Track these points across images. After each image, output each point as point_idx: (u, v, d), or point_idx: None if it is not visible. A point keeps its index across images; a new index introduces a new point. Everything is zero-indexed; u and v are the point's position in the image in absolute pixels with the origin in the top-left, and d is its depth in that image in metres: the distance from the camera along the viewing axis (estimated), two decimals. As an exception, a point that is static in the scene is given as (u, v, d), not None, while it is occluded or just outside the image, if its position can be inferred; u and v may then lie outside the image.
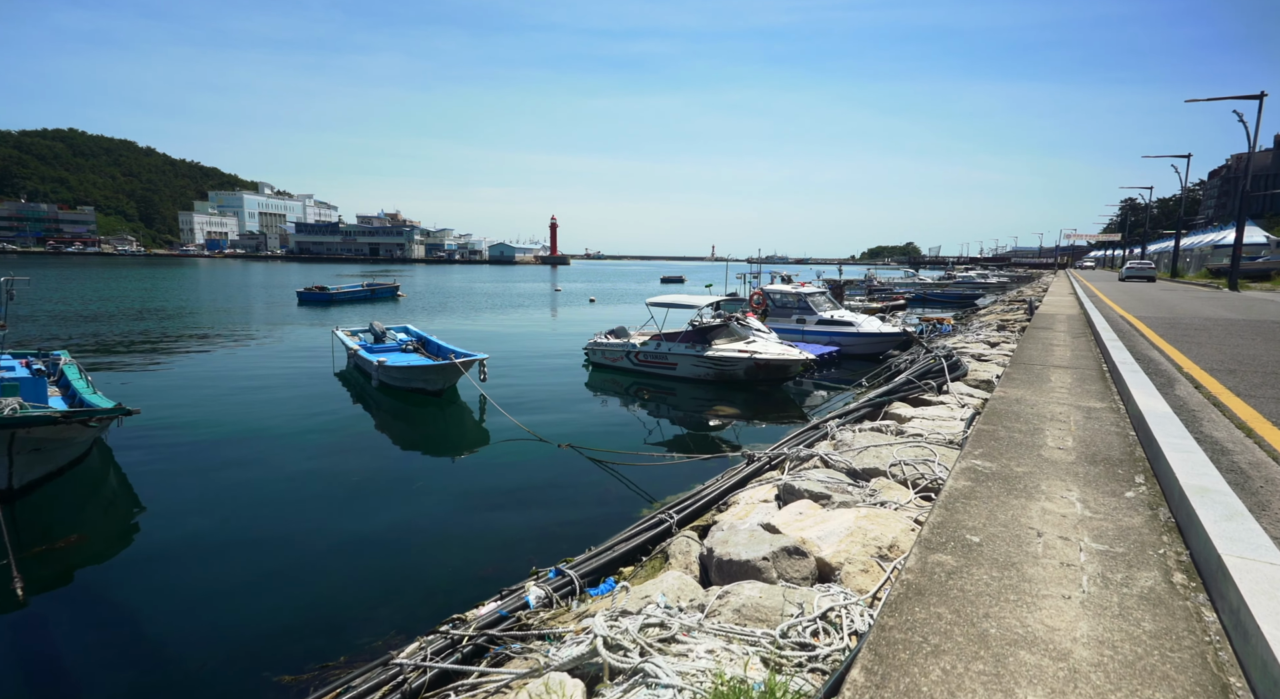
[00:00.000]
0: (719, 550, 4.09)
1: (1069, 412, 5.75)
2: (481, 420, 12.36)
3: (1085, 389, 6.79)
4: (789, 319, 20.11)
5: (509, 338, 23.62)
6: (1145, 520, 3.30)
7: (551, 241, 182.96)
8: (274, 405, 12.26)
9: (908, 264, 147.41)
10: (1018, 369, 8.05)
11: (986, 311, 25.87)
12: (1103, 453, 4.50)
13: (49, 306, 30.20)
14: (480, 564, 6.02)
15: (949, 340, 15.30)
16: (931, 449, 5.78)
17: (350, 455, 9.33)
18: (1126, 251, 79.41)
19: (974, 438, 4.91)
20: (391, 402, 12.69)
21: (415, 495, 7.68)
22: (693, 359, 14.62)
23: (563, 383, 15.24)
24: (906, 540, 4.06)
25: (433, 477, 8.55)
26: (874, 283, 46.29)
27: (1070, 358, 8.94)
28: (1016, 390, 6.76)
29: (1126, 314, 15.34)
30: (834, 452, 6.04)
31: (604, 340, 16.43)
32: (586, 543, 5.84)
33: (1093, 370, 7.94)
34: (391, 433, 10.89)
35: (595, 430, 11.20)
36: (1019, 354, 9.39)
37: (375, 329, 16.74)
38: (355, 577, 5.94)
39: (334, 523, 7.02)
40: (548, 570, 4.80)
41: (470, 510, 7.31)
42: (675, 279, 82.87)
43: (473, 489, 8.02)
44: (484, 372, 13.08)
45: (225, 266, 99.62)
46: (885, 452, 5.84)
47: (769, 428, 12.04)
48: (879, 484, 5.27)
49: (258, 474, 8.58)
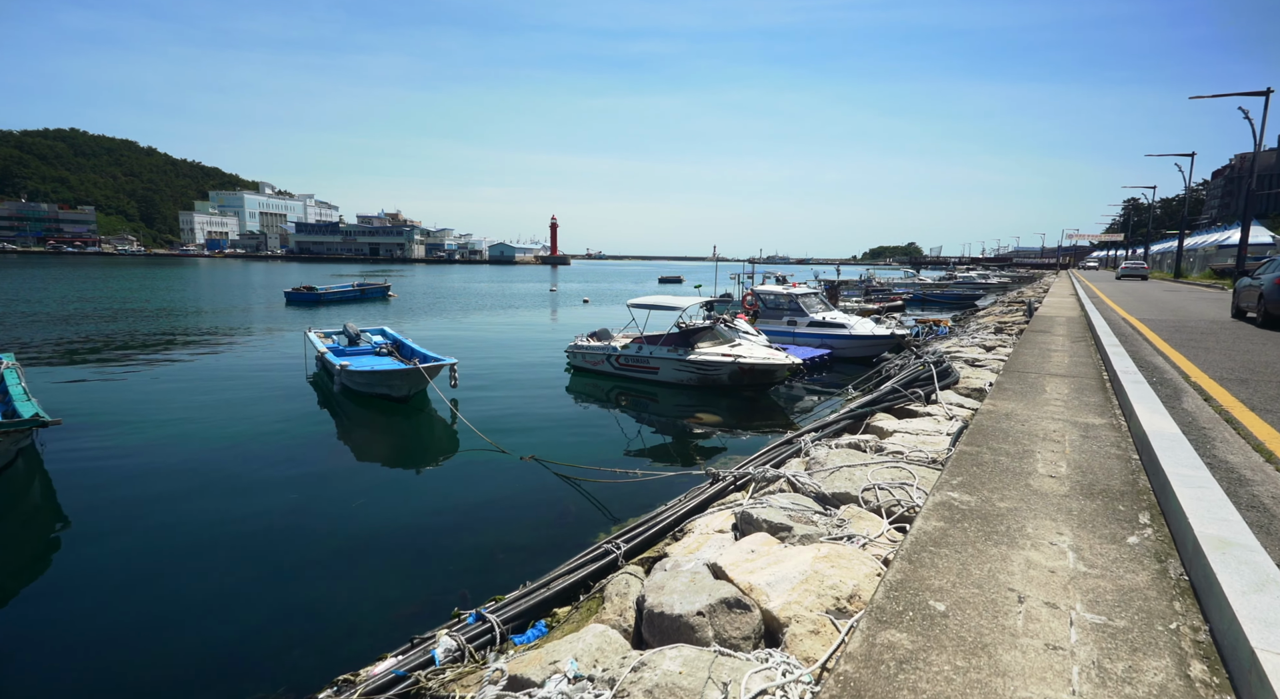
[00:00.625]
0: (652, 600, 3.50)
1: (1064, 429, 5.15)
2: (453, 427, 11.78)
3: (1083, 402, 6.19)
4: (780, 320, 19.48)
5: (493, 340, 23.03)
6: (1152, 579, 2.70)
7: (552, 242, 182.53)
8: (232, 412, 11.68)
9: (909, 264, 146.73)
10: (1011, 378, 7.45)
11: (985, 313, 25.24)
12: (1101, 482, 3.90)
13: (24, 307, 29.63)
14: (407, 599, 5.43)
15: (943, 344, 14.68)
16: (910, 470, 5.18)
17: (298, 468, 8.74)
18: (1129, 251, 78.88)
19: (954, 463, 4.32)
20: (356, 408, 12.10)
21: (354, 516, 7.08)
22: (675, 363, 14.01)
23: (542, 388, 14.65)
24: (869, 588, 3.46)
25: (380, 492, 7.95)
26: (873, 283, 45.65)
27: (1068, 365, 8.35)
28: (1007, 403, 6.16)
29: (1129, 316, 14.73)
30: (803, 472, 5.44)
31: (584, 343, 15.81)
32: (530, 572, 5.26)
33: (1092, 379, 7.34)
34: (347, 443, 10.27)
35: (568, 439, 10.61)
36: (1013, 360, 8.79)
37: (349, 331, 16.12)
38: (266, 614, 5.34)
39: (257, 548, 6.43)
40: (468, 614, 4.22)
41: (413, 533, 6.72)
42: (673, 279, 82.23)
43: (421, 507, 7.42)
44: (455, 377, 12.49)
45: (225, 266, 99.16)
46: (859, 473, 5.24)
47: (752, 438, 11.45)
48: (849, 512, 4.67)
49: (194, 487, 8.00)
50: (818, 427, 7.13)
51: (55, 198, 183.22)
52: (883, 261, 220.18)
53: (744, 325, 17.58)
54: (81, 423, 10.65)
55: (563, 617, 4.41)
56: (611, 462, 8.70)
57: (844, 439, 6.73)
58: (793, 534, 4.33)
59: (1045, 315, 15.78)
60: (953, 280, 63.08)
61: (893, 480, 5.07)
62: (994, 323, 17.99)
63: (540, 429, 11.10)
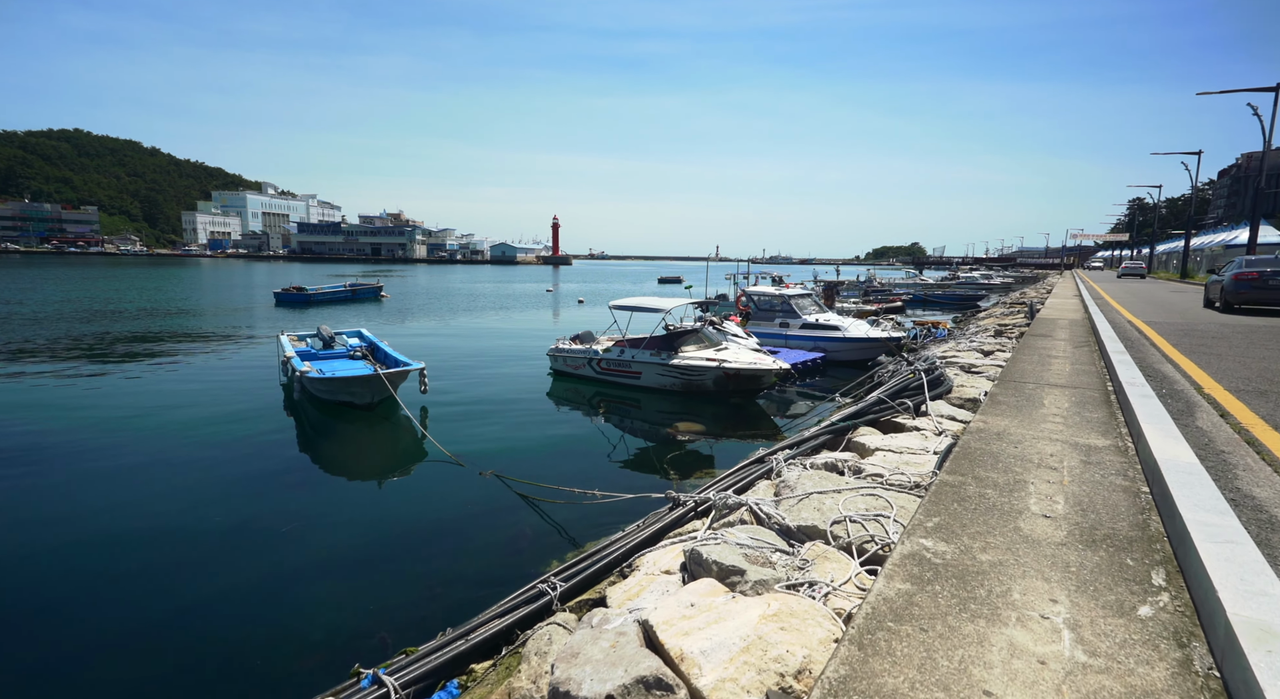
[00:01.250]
0: (560, 674, 2.90)
1: (1063, 453, 4.54)
2: (418, 437, 11.19)
3: (1085, 418, 5.57)
4: (772, 323, 18.83)
5: (479, 342, 22.44)
6: (1172, 675, 2.09)
7: (553, 242, 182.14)
8: (186, 420, 11.11)
9: (912, 265, 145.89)
10: (1006, 389, 6.84)
11: (985, 315, 24.55)
12: (1105, 524, 3.29)
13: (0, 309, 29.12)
14: (324, 643, 4.84)
15: (940, 347, 14.04)
16: (888, 499, 4.58)
17: (236, 486, 8.16)
18: (1134, 251, 78.12)
19: (933, 497, 3.71)
20: (320, 416, 11.50)
21: (283, 542, 6.47)
22: (658, 368, 13.38)
23: (521, 393, 14.06)
24: (822, 657, 2.86)
25: (320, 512, 7.34)
26: (873, 284, 44.93)
27: (1069, 374, 7.72)
28: (1001, 419, 5.55)
29: (1135, 319, 14.08)
30: (768, 501, 4.83)
31: (566, 346, 15.18)
32: (464, 609, 4.67)
33: (1095, 391, 6.71)
34: (300, 455, 9.61)
35: (539, 450, 10.01)
36: (1010, 368, 8.16)
37: (323, 334, 15.51)
38: (155, 664, 4.73)
39: (178, 578, 5.85)
40: (366, 674, 3.62)
41: (345, 562, 6.11)
42: (673, 279, 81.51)
43: (361, 531, 6.81)
44: (424, 382, 11.90)
45: (227, 267, 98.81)
46: (830, 502, 4.63)
47: (737, 444, 10.85)
48: (814, 551, 4.07)
49: (125, 502, 7.42)
50: (794, 442, 6.52)
51: (59, 198, 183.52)
52: (886, 262, 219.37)
53: (733, 328, 16.95)
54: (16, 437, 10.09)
55: (480, 675, 3.82)
56: (575, 478, 8.11)
57: (821, 457, 6.12)
58: (745, 579, 3.73)
59: (1047, 318, 15.14)
60: (955, 281, 62.31)
61: (867, 511, 4.47)
62: (994, 325, 17.35)
63: (511, 438, 10.51)
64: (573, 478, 8.21)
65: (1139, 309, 16.91)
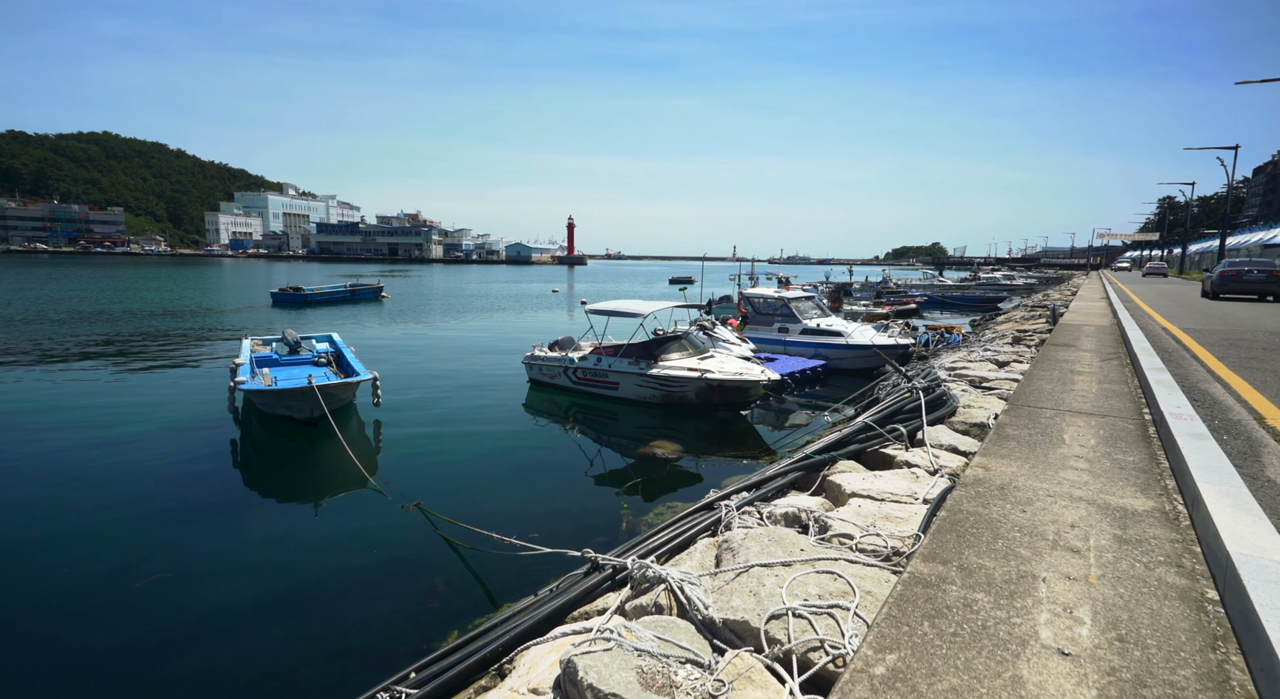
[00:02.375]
0: None
1: (1088, 522, 3.35)
2: (378, 450, 10.18)
3: (1117, 462, 4.35)
4: (770, 327, 17.55)
5: (462, 347, 21.42)
6: None
7: (569, 242, 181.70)
8: (118, 430, 10.22)
9: (932, 265, 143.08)
10: (1018, 416, 5.63)
11: (1004, 319, 23.03)
12: (1158, 673, 2.12)
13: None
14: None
15: (951, 355, 12.75)
16: (852, 579, 3.42)
17: (137, 514, 7.18)
18: (1164, 251, 75.48)
19: (896, 608, 2.57)
20: (263, 431, 10.51)
21: (137, 599, 5.41)
22: (636, 378, 12.21)
23: (490, 405, 12.99)
24: None
25: (210, 552, 6.27)
26: (888, 284, 43.31)
27: (1096, 396, 6.47)
28: (1007, 463, 4.36)
29: (1170, 325, 12.68)
30: (694, 578, 3.69)
31: (542, 354, 14.07)
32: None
33: (1129, 420, 5.47)
34: (229, 477, 8.48)
35: (487, 475, 8.91)
36: (1025, 387, 6.93)
37: (288, 338, 14.53)
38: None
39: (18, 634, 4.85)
40: None
41: (197, 632, 5.01)
42: (684, 280, 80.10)
43: (236, 585, 5.64)
44: (378, 394, 10.89)
45: (248, 266, 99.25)
46: (774, 582, 3.49)
47: (721, 467, 9.69)
48: (738, 665, 2.93)
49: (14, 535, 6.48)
50: (755, 483, 5.36)
51: (87, 199, 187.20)
52: (906, 262, 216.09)
53: (725, 333, 15.75)
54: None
55: None
56: (513, 513, 7.04)
57: (784, 503, 4.96)
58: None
59: (1071, 323, 13.77)
60: (975, 281, 60.30)
61: (821, 598, 3.33)
62: (1012, 331, 15.96)
63: (463, 460, 9.43)
64: (510, 512, 7.13)
65: (1174, 313, 15.45)
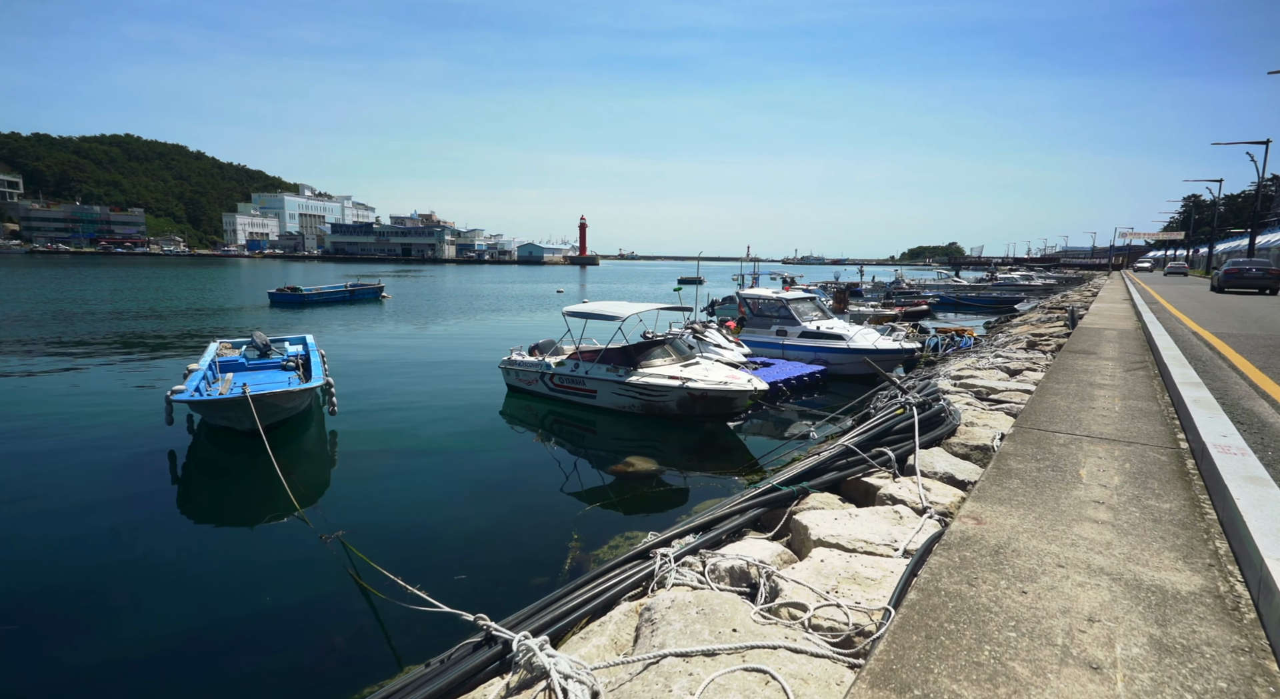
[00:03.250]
0: None
1: (1111, 613, 2.43)
2: (333, 464, 9.42)
3: (1149, 512, 3.41)
4: (768, 330, 16.59)
5: (452, 349, 20.65)
6: None
7: (580, 242, 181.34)
8: (62, 445, 9.55)
9: (948, 265, 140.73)
10: (1025, 442, 4.70)
11: (1020, 321, 21.85)
12: None
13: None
14: None
15: (958, 362, 11.74)
16: (785, 685, 2.55)
17: (47, 538, 6.47)
18: (1190, 251, 73.29)
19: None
20: (208, 444, 9.77)
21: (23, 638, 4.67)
22: (614, 386, 11.34)
23: (466, 412, 12.18)
24: None
25: (105, 589, 5.53)
26: (901, 285, 42.00)
27: (1119, 416, 5.50)
28: (1006, 512, 3.45)
29: (1200, 329, 11.59)
30: (585, 671, 2.84)
31: (519, 358, 13.24)
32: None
33: (1161, 449, 4.51)
34: (159, 496, 7.79)
35: (440, 497, 8.09)
36: (1035, 405, 5.98)
37: (258, 341, 13.81)
38: None
39: None
40: None
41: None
42: (693, 280, 79.01)
43: (104, 631, 4.92)
44: (333, 402, 10.13)
45: (264, 266, 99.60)
46: (685, 681, 2.63)
47: (701, 486, 8.82)
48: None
49: None
50: (705, 523, 4.47)
51: (108, 200, 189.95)
52: (922, 262, 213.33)
53: (717, 337, 14.83)
54: None
55: None
56: (444, 548, 6.25)
57: (735, 551, 4.08)
58: None
59: (1092, 327, 12.71)
60: (992, 282, 58.68)
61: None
62: (1027, 335, 14.89)
63: (414, 480, 8.61)
64: (451, 544, 6.35)
65: (1203, 316, 14.31)
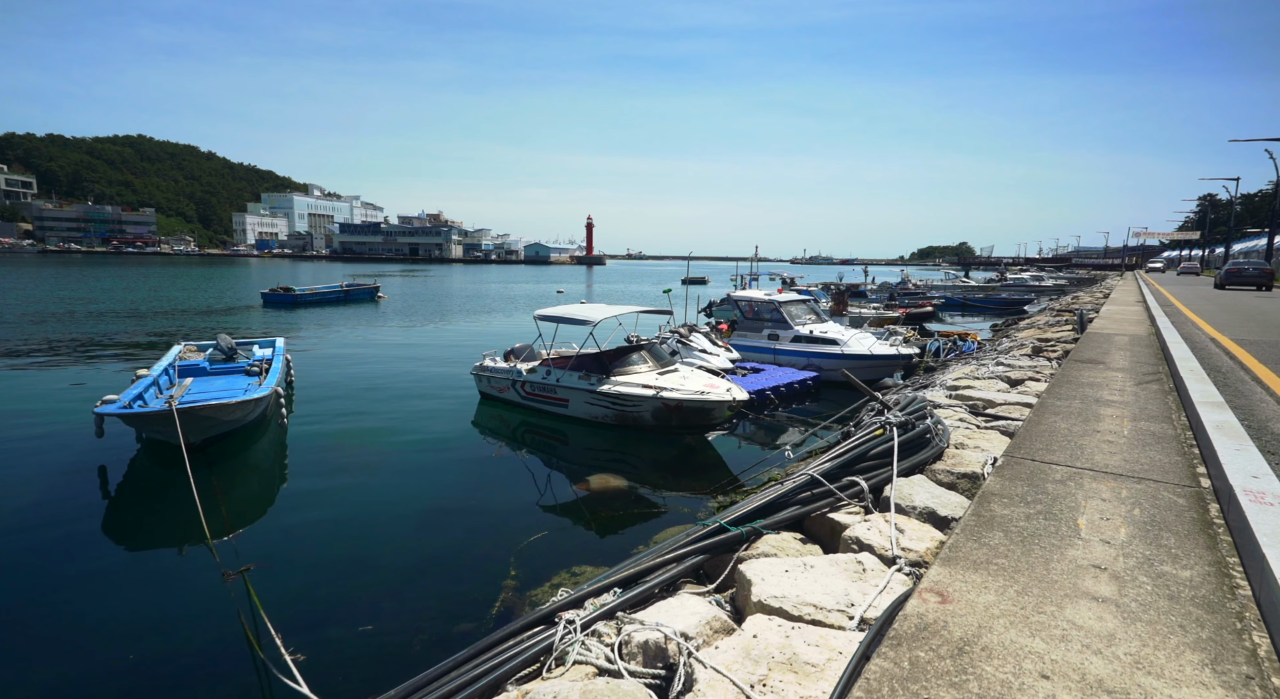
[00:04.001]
0: None
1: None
2: (283, 481, 8.81)
3: (1163, 585, 2.69)
4: (760, 333, 15.85)
5: (437, 352, 20.02)
6: None
7: (588, 242, 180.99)
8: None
9: (957, 265, 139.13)
10: (1015, 480, 3.98)
11: (1026, 325, 20.98)
12: None
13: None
14: None
15: (958, 370, 10.98)
16: None
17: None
18: (1205, 251, 71.77)
19: None
20: (145, 458, 9.16)
21: None
22: (586, 394, 10.65)
23: (433, 421, 11.54)
24: None
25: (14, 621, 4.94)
26: (907, 285, 41.04)
27: (1128, 441, 4.76)
28: (981, 583, 2.74)
29: (1219, 335, 10.78)
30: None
31: (492, 364, 12.58)
32: None
33: (1177, 490, 3.77)
34: (88, 516, 7.23)
35: (382, 521, 7.44)
36: (1032, 427, 5.24)
37: (223, 345, 13.21)
38: None
39: None
40: None
41: None
42: (697, 280, 78.25)
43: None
44: (282, 413, 9.51)
45: (273, 266, 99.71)
46: None
47: (676, 504, 8.12)
48: None
49: None
50: (632, 576, 3.78)
51: (120, 200, 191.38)
52: (931, 262, 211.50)
53: (703, 341, 14.14)
54: None
55: None
56: (367, 587, 5.61)
57: (658, 614, 3.39)
58: None
59: (1101, 331, 11.90)
60: (1001, 282, 57.52)
61: None
62: (1033, 340, 14.08)
63: (358, 502, 7.96)
64: (375, 580, 5.73)
65: (1220, 320, 13.46)
